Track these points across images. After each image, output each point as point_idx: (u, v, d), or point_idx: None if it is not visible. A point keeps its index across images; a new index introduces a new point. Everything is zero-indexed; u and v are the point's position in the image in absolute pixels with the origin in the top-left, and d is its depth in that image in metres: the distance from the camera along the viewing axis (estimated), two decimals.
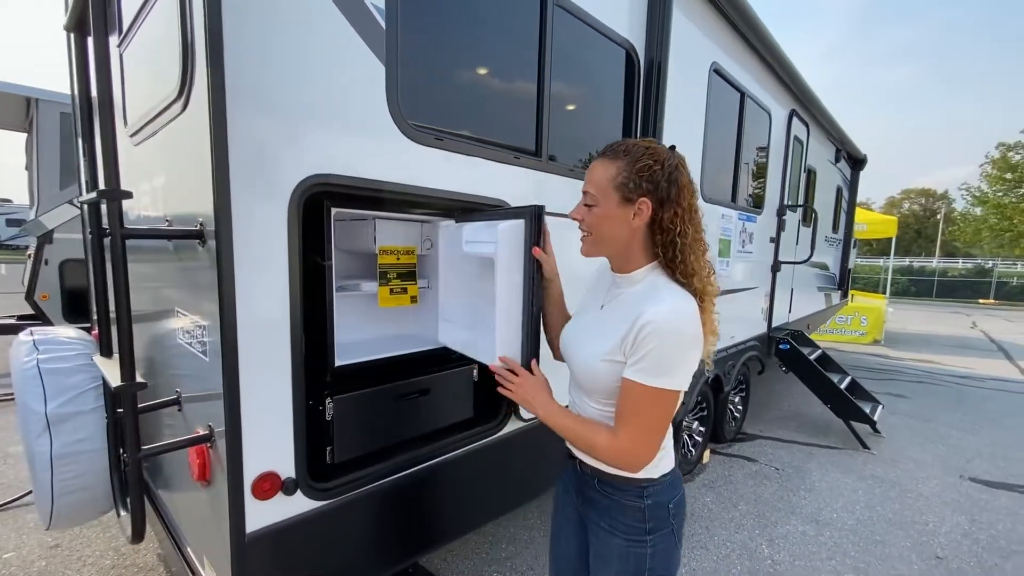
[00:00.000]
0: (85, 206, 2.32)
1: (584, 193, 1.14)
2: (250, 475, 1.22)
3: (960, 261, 30.19)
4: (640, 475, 1.13)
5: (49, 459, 1.78)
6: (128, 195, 1.12)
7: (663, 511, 1.14)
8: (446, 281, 1.78)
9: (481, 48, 1.80)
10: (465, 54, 1.75)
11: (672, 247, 1.08)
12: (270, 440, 1.27)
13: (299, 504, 1.34)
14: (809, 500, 3.35)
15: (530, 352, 1.31)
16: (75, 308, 5.01)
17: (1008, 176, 22.99)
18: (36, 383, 1.82)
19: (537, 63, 1.93)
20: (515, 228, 1.31)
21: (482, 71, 1.83)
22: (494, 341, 1.33)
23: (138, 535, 1.28)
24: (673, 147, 1.12)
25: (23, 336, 1.98)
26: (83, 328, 2.39)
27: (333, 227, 1.41)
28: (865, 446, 4.27)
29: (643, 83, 2.47)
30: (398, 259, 1.80)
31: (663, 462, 1.15)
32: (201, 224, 1.21)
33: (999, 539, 2.95)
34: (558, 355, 1.35)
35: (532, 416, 2.11)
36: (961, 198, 26.99)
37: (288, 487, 1.29)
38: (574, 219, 1.17)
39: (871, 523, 3.08)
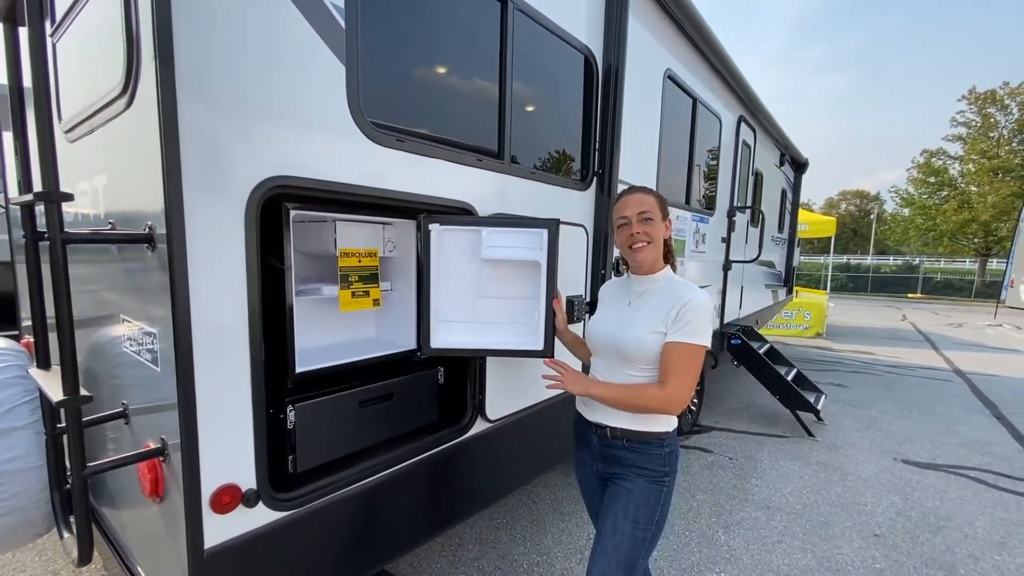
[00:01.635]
0: (17, 208, 2.16)
1: (641, 212, 1.51)
2: (208, 488, 1.17)
3: (891, 259, 32.37)
4: (660, 429, 1.50)
5: None
6: (69, 197, 1.05)
7: (675, 458, 1.53)
8: (444, 284, 1.81)
9: (443, 50, 1.80)
10: (427, 55, 1.74)
11: (670, 252, 1.61)
12: (229, 451, 1.22)
13: (261, 516, 1.29)
14: (761, 487, 3.52)
15: (552, 341, 1.80)
16: None
17: (931, 180, 24.85)
18: None
19: (499, 66, 1.94)
20: (544, 236, 1.76)
21: (444, 73, 1.82)
22: (540, 333, 1.80)
23: (85, 557, 1.21)
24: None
25: None
26: (11, 336, 2.22)
27: (292, 230, 1.37)
28: (810, 434, 4.52)
29: (601, 88, 2.53)
30: (360, 261, 1.77)
31: (673, 419, 1.53)
32: (150, 227, 1.16)
33: (928, 516, 3.20)
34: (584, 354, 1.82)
35: (499, 417, 2.13)
36: (891, 200, 29.03)
37: (249, 499, 1.25)
38: (636, 232, 1.52)
39: (816, 506, 3.27)
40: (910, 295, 21.85)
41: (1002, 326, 12.86)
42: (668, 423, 1.52)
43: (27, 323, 2.68)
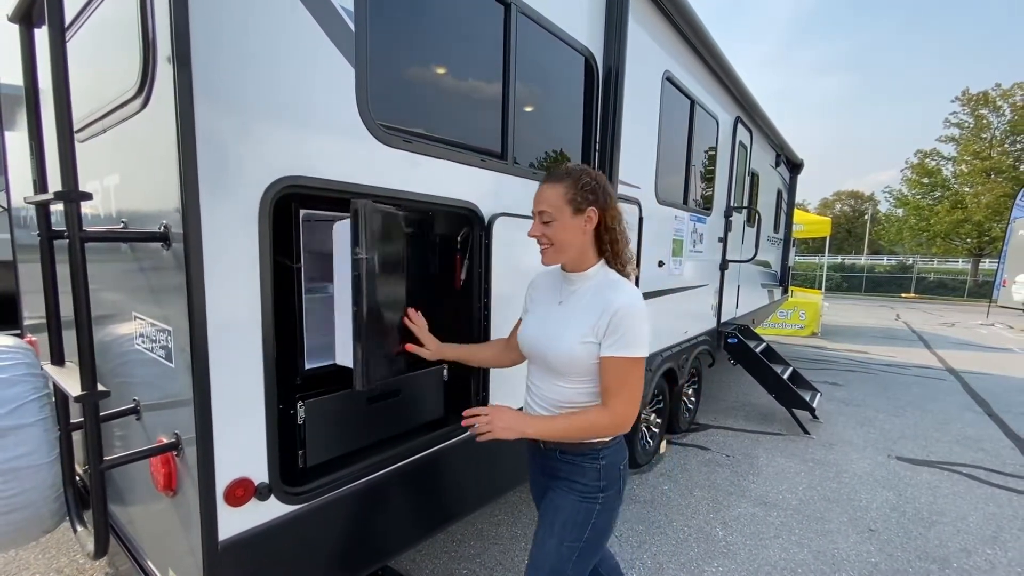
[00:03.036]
0: (24, 208, 2.18)
1: (540, 212, 1.33)
2: (223, 482, 1.20)
3: (885, 259, 32.62)
4: (595, 440, 1.34)
5: None
6: (88, 196, 1.08)
7: (615, 471, 1.37)
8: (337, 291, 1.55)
9: (448, 52, 1.83)
10: (433, 57, 1.77)
11: (615, 243, 1.36)
12: (243, 445, 1.25)
13: (273, 509, 1.32)
14: (757, 484, 3.56)
15: (365, 358, 1.38)
16: None
17: (925, 180, 25.08)
18: None
19: (502, 68, 1.97)
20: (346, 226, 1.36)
21: (449, 74, 1.85)
22: (349, 356, 1.39)
23: (101, 550, 1.23)
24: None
25: None
26: (14, 335, 2.23)
27: (302, 229, 1.40)
28: (806, 431, 4.58)
29: (601, 89, 2.56)
30: None
31: None
32: (165, 226, 1.18)
33: (922, 511, 3.25)
34: (513, 359, 1.64)
35: None
36: (885, 200, 29.24)
37: (262, 492, 1.28)
38: (533, 236, 1.36)
39: (812, 502, 3.32)
40: (904, 295, 22.03)
41: (994, 325, 12.99)
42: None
43: (28, 322, 2.70)
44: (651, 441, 3.83)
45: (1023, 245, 13.09)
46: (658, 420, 3.89)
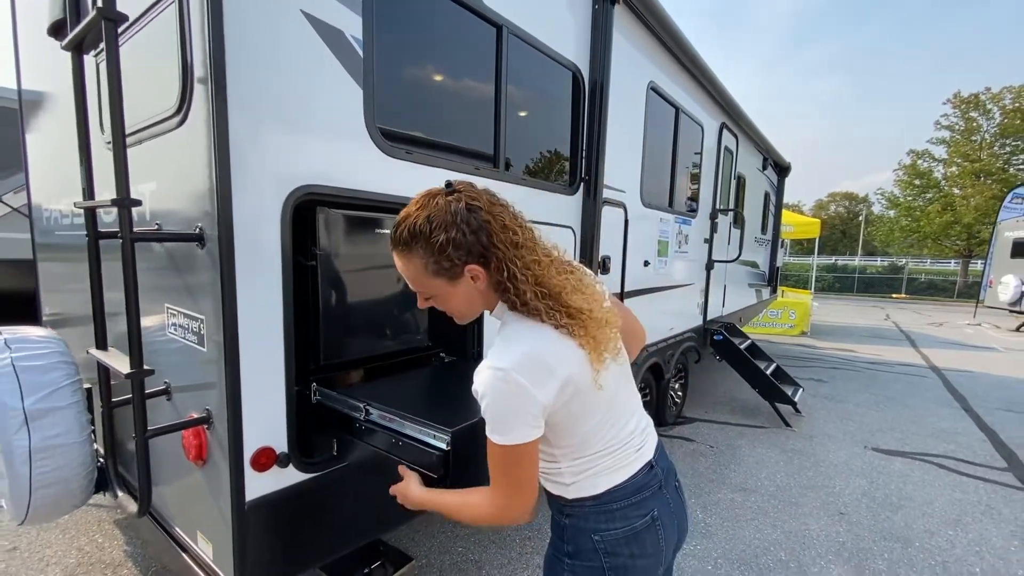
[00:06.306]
0: (52, 210, 2.37)
1: (414, 286, 1.04)
2: (250, 449, 1.39)
3: (878, 260, 32.98)
4: (555, 491, 1.11)
5: (28, 453, 1.84)
6: (138, 203, 1.26)
7: (586, 541, 1.07)
8: None
9: (444, 71, 2.02)
10: (430, 76, 1.96)
11: (510, 287, 0.99)
12: (266, 419, 1.44)
13: (291, 476, 1.51)
14: (738, 472, 3.76)
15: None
16: (2, 310, 4.78)
17: (917, 182, 25.41)
18: (11, 380, 1.87)
19: (494, 85, 2.17)
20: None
21: (446, 91, 2.05)
22: None
23: (144, 508, 1.42)
24: (449, 183, 1.02)
25: None
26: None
27: (319, 231, 1.59)
28: (787, 424, 4.78)
29: (588, 101, 2.76)
30: None
31: (576, 485, 1.07)
32: (200, 228, 1.37)
33: (891, 496, 3.46)
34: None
35: None
36: (877, 201, 29.60)
37: (282, 460, 1.47)
38: (427, 304, 1.08)
39: (789, 488, 3.53)
40: (895, 295, 22.32)
41: (981, 325, 13.28)
42: (565, 487, 1.08)
43: (47, 318, 2.88)
44: None
45: (1008, 247, 13.36)
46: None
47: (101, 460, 2.05)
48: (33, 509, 1.92)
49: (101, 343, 1.59)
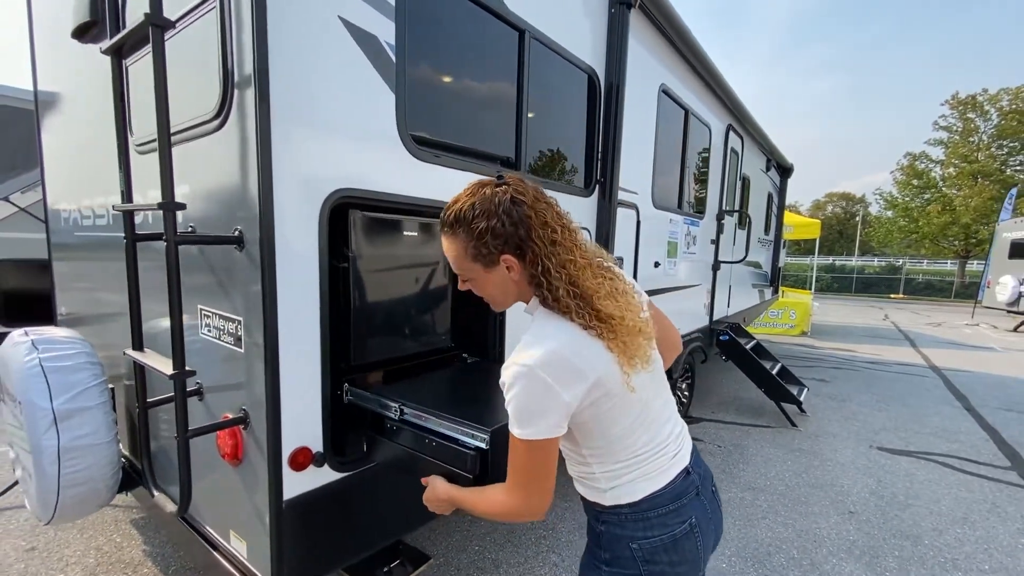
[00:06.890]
0: (67, 212, 2.38)
1: (457, 268, 1.09)
2: (288, 449, 1.41)
3: (876, 260, 33.13)
4: (591, 497, 1.11)
5: (57, 453, 1.85)
6: (183, 206, 1.28)
7: (623, 549, 1.06)
8: None
9: (470, 75, 2.04)
10: (457, 80, 1.99)
11: (544, 281, 1.00)
12: (303, 419, 1.46)
13: (327, 475, 1.53)
14: (747, 471, 3.80)
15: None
16: (12, 310, 4.78)
17: (915, 182, 25.53)
18: (40, 380, 1.89)
19: (516, 89, 2.19)
20: None
21: (471, 95, 2.07)
22: None
23: (185, 506, 1.44)
24: (500, 175, 1.07)
25: (18, 336, 2.02)
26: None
27: (351, 234, 1.61)
28: (793, 424, 4.83)
29: (603, 103, 2.78)
30: None
31: (613, 492, 1.07)
32: (239, 231, 1.38)
33: (899, 495, 3.50)
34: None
35: None
36: (875, 202, 29.73)
37: (318, 460, 1.49)
38: (470, 290, 1.13)
39: (797, 488, 3.56)
40: (893, 296, 22.43)
41: (979, 325, 13.37)
42: (601, 493, 1.09)
43: (63, 318, 2.88)
44: None
45: (1007, 248, 13.45)
46: None
47: (127, 458, 2.07)
48: (60, 508, 1.93)
49: (137, 344, 1.61)
